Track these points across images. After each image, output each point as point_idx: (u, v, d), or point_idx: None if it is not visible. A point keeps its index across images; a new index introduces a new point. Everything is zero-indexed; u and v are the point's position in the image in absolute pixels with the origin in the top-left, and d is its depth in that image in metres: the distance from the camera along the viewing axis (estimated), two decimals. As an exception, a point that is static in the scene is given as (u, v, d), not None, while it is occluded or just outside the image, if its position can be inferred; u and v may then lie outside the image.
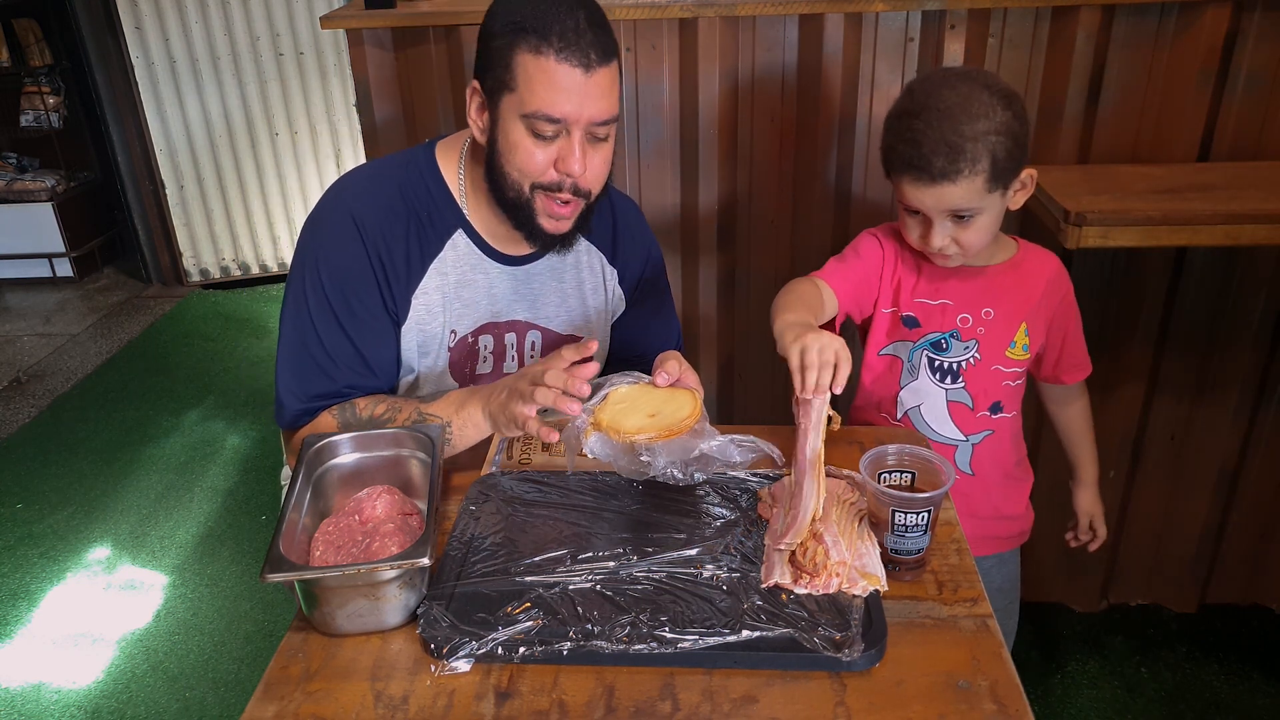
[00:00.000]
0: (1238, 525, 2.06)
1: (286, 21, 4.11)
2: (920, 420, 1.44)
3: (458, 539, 1.09)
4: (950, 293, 1.39)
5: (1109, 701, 1.97)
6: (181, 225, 4.35)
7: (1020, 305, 1.38)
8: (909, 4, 1.63)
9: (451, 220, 1.31)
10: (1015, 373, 1.41)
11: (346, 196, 1.29)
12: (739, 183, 1.83)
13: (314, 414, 1.27)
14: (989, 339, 1.38)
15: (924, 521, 1.01)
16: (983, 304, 1.38)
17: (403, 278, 1.28)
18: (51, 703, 2.13)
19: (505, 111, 1.18)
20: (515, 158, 1.20)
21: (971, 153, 1.21)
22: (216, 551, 2.61)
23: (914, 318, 1.41)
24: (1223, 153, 1.70)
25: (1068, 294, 1.42)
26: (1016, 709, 0.87)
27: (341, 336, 1.26)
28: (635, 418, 1.08)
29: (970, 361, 1.39)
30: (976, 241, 1.29)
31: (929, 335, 1.40)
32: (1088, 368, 1.48)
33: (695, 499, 1.15)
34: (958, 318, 1.38)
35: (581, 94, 1.15)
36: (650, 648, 0.92)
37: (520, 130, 1.18)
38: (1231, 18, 1.60)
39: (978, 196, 1.24)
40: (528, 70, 1.14)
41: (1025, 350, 1.39)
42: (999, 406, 1.42)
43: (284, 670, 0.94)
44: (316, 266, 1.26)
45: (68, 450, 3.13)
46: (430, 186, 1.30)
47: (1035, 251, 1.42)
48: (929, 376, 1.41)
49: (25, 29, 4.39)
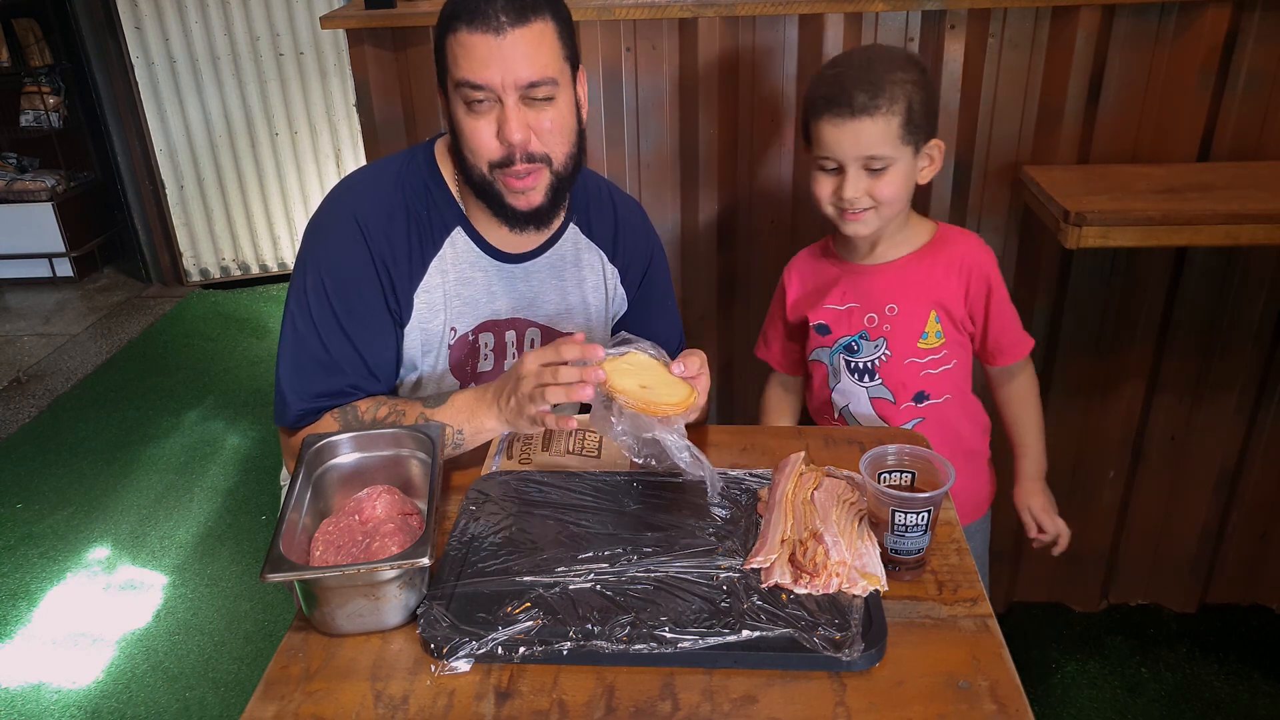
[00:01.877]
0: (1238, 525, 2.06)
1: (286, 21, 4.11)
2: (851, 417, 1.50)
3: (458, 539, 1.09)
4: (855, 295, 1.44)
5: (1109, 701, 1.97)
6: (181, 225, 4.35)
7: (927, 295, 1.41)
8: (909, 4, 1.63)
9: (450, 218, 1.31)
10: (933, 360, 1.44)
11: (349, 198, 1.29)
12: (739, 183, 1.83)
13: (316, 414, 1.28)
14: (896, 334, 1.43)
15: (924, 521, 1.01)
16: (886, 301, 1.42)
17: (405, 276, 1.29)
18: (51, 703, 2.13)
19: (451, 98, 1.22)
20: (464, 138, 1.22)
21: (890, 93, 1.28)
22: (216, 551, 2.61)
23: (825, 325, 1.48)
24: (1223, 153, 1.70)
25: (989, 274, 1.42)
26: (1016, 709, 0.87)
27: (343, 338, 1.26)
28: (630, 380, 1.11)
29: (882, 359, 1.44)
30: (889, 195, 1.33)
31: (840, 339, 1.47)
32: (1020, 350, 1.47)
33: (695, 499, 1.15)
34: (864, 318, 1.44)
35: (499, 58, 1.17)
36: (650, 648, 0.92)
37: (461, 109, 1.21)
38: (1231, 18, 1.60)
39: (892, 142, 1.30)
40: (452, 48, 1.19)
41: (939, 337, 1.42)
42: (923, 395, 1.45)
43: (284, 670, 0.94)
44: (319, 269, 1.26)
45: (68, 450, 3.13)
46: (429, 185, 1.31)
47: (951, 234, 1.45)
48: (849, 377, 1.48)
49: (25, 29, 4.39)
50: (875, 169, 1.32)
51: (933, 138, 1.35)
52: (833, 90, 1.30)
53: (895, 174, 1.32)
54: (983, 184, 1.77)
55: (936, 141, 1.36)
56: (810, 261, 1.53)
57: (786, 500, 1.09)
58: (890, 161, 1.31)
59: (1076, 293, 1.83)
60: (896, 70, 1.30)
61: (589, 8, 1.67)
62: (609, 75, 1.75)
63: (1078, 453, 2.01)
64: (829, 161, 1.34)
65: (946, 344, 1.43)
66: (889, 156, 1.31)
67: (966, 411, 1.51)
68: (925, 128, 1.33)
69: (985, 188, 1.77)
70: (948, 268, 1.42)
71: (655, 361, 1.18)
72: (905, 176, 1.34)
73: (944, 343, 1.43)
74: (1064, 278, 1.83)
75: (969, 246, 1.43)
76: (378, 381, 1.31)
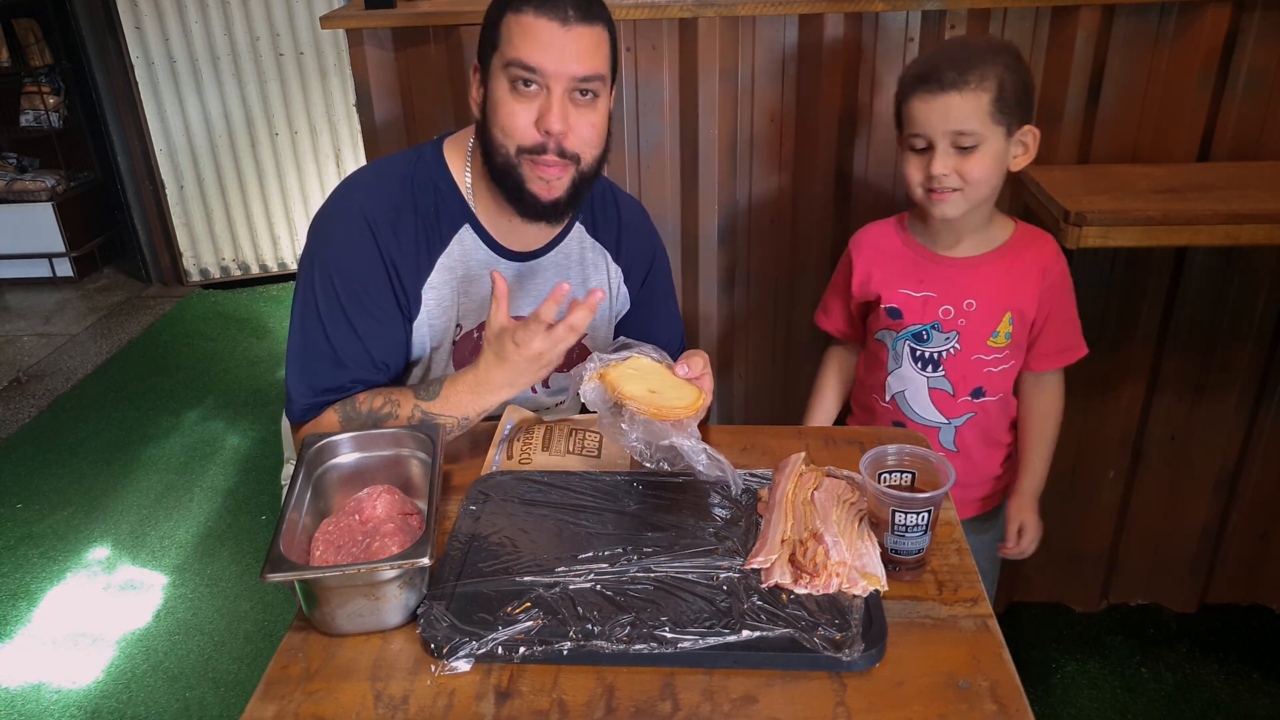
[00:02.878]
0: (1238, 525, 2.06)
1: (286, 21, 4.11)
2: (905, 404, 1.50)
3: (458, 539, 1.09)
4: (934, 285, 1.43)
5: (1109, 701, 1.97)
6: (181, 225, 4.35)
7: (1005, 295, 1.41)
8: (909, 4, 1.63)
9: (459, 215, 1.32)
10: (997, 359, 1.44)
11: (357, 195, 1.30)
12: (739, 183, 1.83)
13: (321, 408, 1.28)
14: (970, 330, 1.42)
15: (924, 521, 1.01)
16: (965, 296, 1.41)
17: (413, 272, 1.29)
18: (51, 703, 2.13)
19: (493, 72, 1.21)
20: (499, 116, 1.21)
21: (981, 70, 1.28)
22: (216, 551, 2.61)
23: (897, 309, 1.45)
24: (1223, 153, 1.70)
25: (1064, 277, 1.43)
26: (1016, 709, 0.87)
27: (350, 334, 1.27)
28: (637, 386, 1.12)
29: (950, 352, 1.44)
30: (978, 175, 1.31)
31: (910, 327, 1.45)
32: (1071, 355, 1.47)
33: (695, 499, 1.15)
34: (940, 310, 1.43)
35: (559, 47, 1.18)
36: (650, 648, 0.92)
37: (503, 86, 1.20)
38: (1231, 18, 1.60)
39: (981, 118, 1.29)
40: (510, 27, 1.19)
41: (1008, 338, 1.43)
42: (981, 391, 1.46)
43: (284, 670, 0.94)
44: (326, 266, 1.26)
45: (68, 450, 3.13)
46: (438, 182, 1.31)
47: (1031, 235, 1.45)
48: (911, 365, 1.47)
49: (25, 29, 4.38)
50: (964, 146, 1.31)
51: (1027, 124, 1.34)
52: (924, 69, 1.32)
53: (984, 154, 1.31)
54: (983, 184, 1.77)
55: (1031, 128, 1.34)
56: (886, 238, 1.49)
57: (786, 500, 1.09)
58: (980, 139, 1.30)
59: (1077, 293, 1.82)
60: (989, 52, 1.30)
61: (589, 8, 1.67)
62: (609, 75, 1.75)
63: (1078, 453, 2.01)
64: (919, 139, 1.34)
65: (1013, 345, 1.44)
66: (978, 133, 1.30)
67: (1008, 407, 1.52)
68: (1019, 111, 1.31)
69: (985, 188, 1.77)
70: (1027, 270, 1.41)
71: (659, 365, 1.18)
72: (995, 158, 1.32)
73: (1010, 343, 1.44)
74: (1064, 278, 1.83)
75: (1049, 250, 1.43)
76: (384, 374, 1.32)
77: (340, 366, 1.27)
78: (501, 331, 1.19)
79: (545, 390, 1.46)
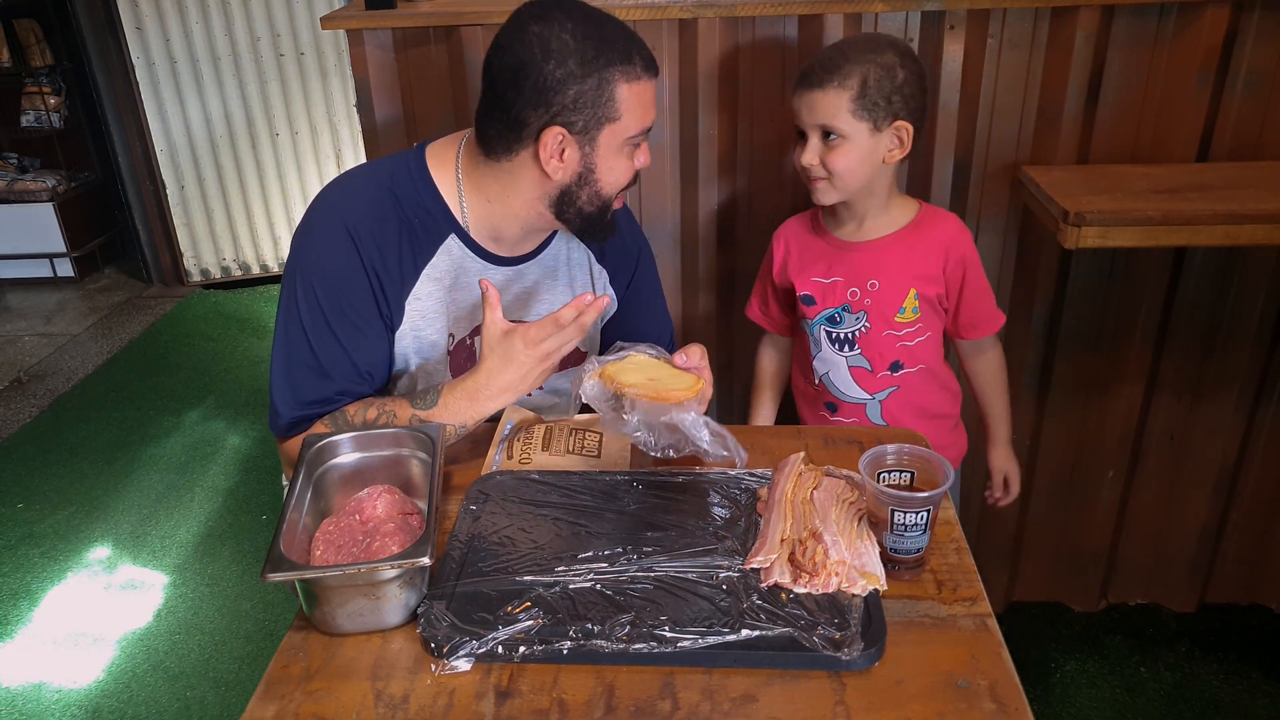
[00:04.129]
0: (1238, 525, 2.06)
1: (287, 21, 4.11)
2: (831, 384, 1.59)
3: (458, 539, 1.09)
4: (839, 269, 1.53)
5: (1109, 701, 1.97)
6: (182, 225, 4.35)
7: (907, 273, 1.50)
8: (909, 4, 1.63)
9: (444, 226, 1.31)
10: (909, 333, 1.52)
11: (338, 204, 1.28)
12: (739, 183, 1.83)
13: (308, 421, 1.28)
14: (876, 308, 1.51)
15: (923, 521, 1.01)
16: (869, 277, 1.50)
17: (396, 282, 1.28)
18: (51, 703, 2.13)
19: (606, 142, 1.23)
20: (617, 179, 1.26)
21: (846, 70, 1.37)
22: (217, 551, 2.61)
23: (810, 296, 1.56)
24: (1222, 153, 1.70)
25: (966, 254, 1.50)
26: (1016, 708, 0.87)
27: (335, 344, 1.26)
28: (637, 376, 1.15)
29: (862, 330, 1.52)
30: (842, 169, 1.41)
31: (824, 311, 1.55)
32: (991, 326, 1.55)
33: (695, 499, 1.15)
34: (847, 292, 1.53)
35: (656, 98, 1.26)
36: (650, 647, 0.92)
37: (620, 153, 1.24)
38: (1231, 18, 1.60)
39: (843, 116, 1.38)
40: (629, 99, 1.21)
41: (915, 312, 1.50)
42: (899, 365, 1.54)
43: (284, 670, 0.95)
44: (308, 276, 1.26)
45: (68, 450, 3.13)
46: (422, 192, 1.30)
47: (932, 216, 1.53)
48: (829, 347, 1.56)
49: (26, 29, 4.39)
50: (830, 138, 1.41)
51: (900, 120, 1.40)
52: (805, 68, 1.44)
53: (849, 148, 1.40)
54: (982, 184, 1.77)
55: (904, 123, 1.40)
56: (799, 231, 1.60)
57: (786, 500, 1.10)
58: (843, 134, 1.40)
59: (1076, 293, 1.83)
60: (864, 51, 1.38)
61: (589, 8, 1.67)
62: (609, 75, 1.75)
63: (1077, 453, 2.01)
64: (798, 129, 1.45)
65: (922, 318, 1.52)
66: (840, 129, 1.39)
67: (937, 378, 1.59)
68: (885, 107, 1.39)
69: (985, 188, 1.77)
70: (928, 248, 1.49)
71: (656, 360, 1.20)
72: (861, 152, 1.41)
73: (919, 317, 1.51)
74: (1063, 278, 1.83)
75: (948, 228, 1.51)
76: (369, 383, 1.31)
77: (325, 377, 1.26)
78: (507, 334, 1.20)
79: (540, 391, 1.46)
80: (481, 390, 1.23)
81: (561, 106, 1.19)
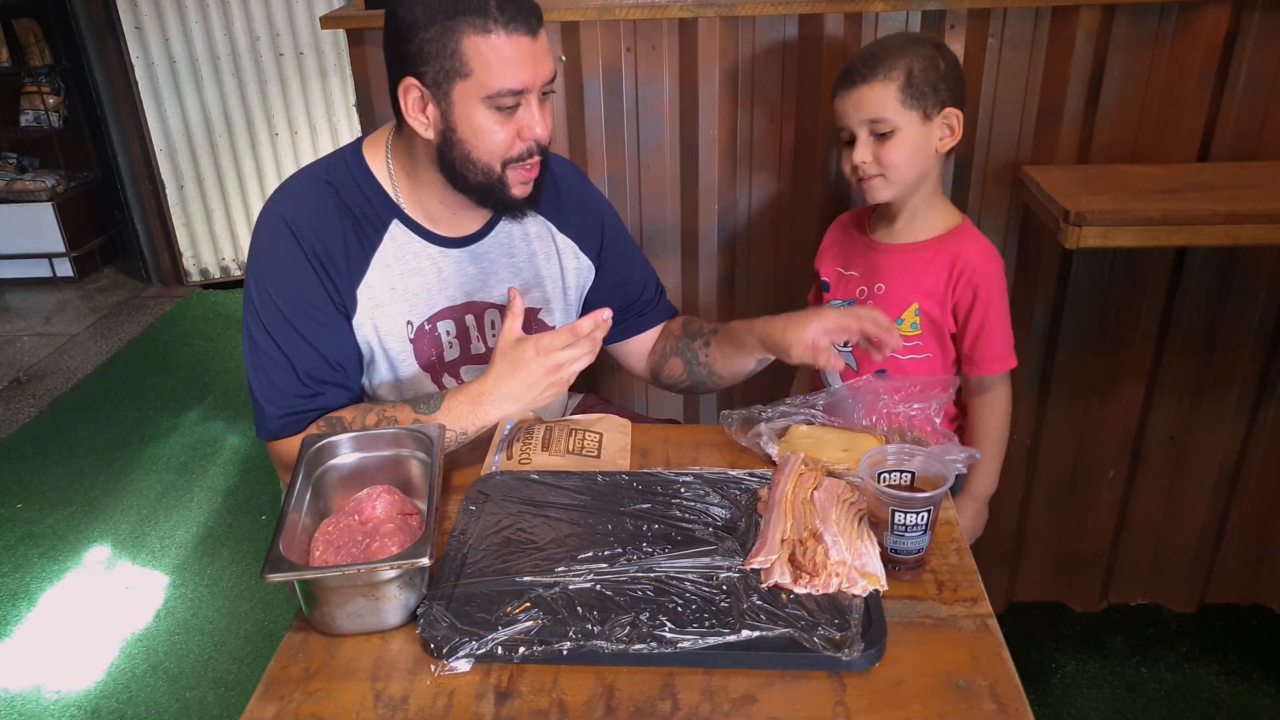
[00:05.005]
0: (1238, 525, 2.06)
1: (286, 21, 4.11)
2: (824, 376, 1.58)
3: (458, 539, 1.09)
4: (858, 265, 1.53)
5: (1109, 701, 1.97)
6: (181, 225, 4.35)
7: (914, 287, 1.47)
8: (909, 4, 1.63)
9: (385, 213, 1.31)
10: (904, 348, 1.48)
11: (276, 205, 1.29)
12: (739, 183, 1.83)
13: (298, 418, 1.28)
14: None
15: (924, 521, 1.01)
16: (877, 279, 1.50)
17: (344, 273, 1.28)
18: (51, 703, 2.13)
19: (461, 99, 1.17)
20: (483, 142, 1.20)
21: (889, 62, 1.37)
22: (216, 551, 2.61)
23: (827, 283, 1.58)
24: (1223, 153, 1.70)
25: (981, 283, 1.45)
26: (1016, 709, 0.87)
27: (300, 341, 1.27)
28: (832, 451, 1.20)
29: None
30: (897, 161, 1.39)
31: (833, 301, 1.56)
32: (994, 367, 1.50)
33: (695, 499, 1.15)
34: (857, 289, 1.52)
35: (534, 59, 1.17)
36: (650, 648, 0.92)
37: (483, 113, 1.18)
38: (1231, 18, 1.60)
39: (892, 106, 1.37)
40: (480, 52, 1.14)
41: (915, 328, 1.48)
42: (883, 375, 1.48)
43: (284, 670, 0.94)
44: (260, 278, 1.26)
45: (68, 450, 3.13)
46: (360, 182, 1.30)
47: (964, 235, 1.48)
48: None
49: (25, 29, 4.39)
50: (881, 134, 1.39)
51: (949, 107, 1.39)
52: (843, 68, 1.43)
53: (901, 139, 1.39)
54: (982, 184, 1.77)
55: (953, 110, 1.39)
56: (846, 223, 1.61)
57: (786, 500, 1.09)
58: (893, 126, 1.38)
59: (1076, 293, 1.83)
60: (902, 45, 1.39)
61: (589, 8, 1.67)
62: (609, 75, 1.75)
63: (1078, 453, 2.01)
64: (844, 132, 1.43)
65: (922, 337, 1.49)
66: (890, 120, 1.38)
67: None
68: (933, 96, 1.37)
69: (985, 187, 1.77)
70: (941, 266, 1.46)
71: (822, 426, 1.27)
72: (914, 143, 1.39)
73: (918, 334, 1.49)
74: (1064, 278, 1.83)
75: (972, 251, 1.46)
76: (344, 374, 1.31)
77: (296, 374, 1.27)
78: (519, 341, 1.20)
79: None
80: (486, 395, 1.22)
81: (410, 56, 1.16)
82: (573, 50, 1.73)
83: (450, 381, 1.40)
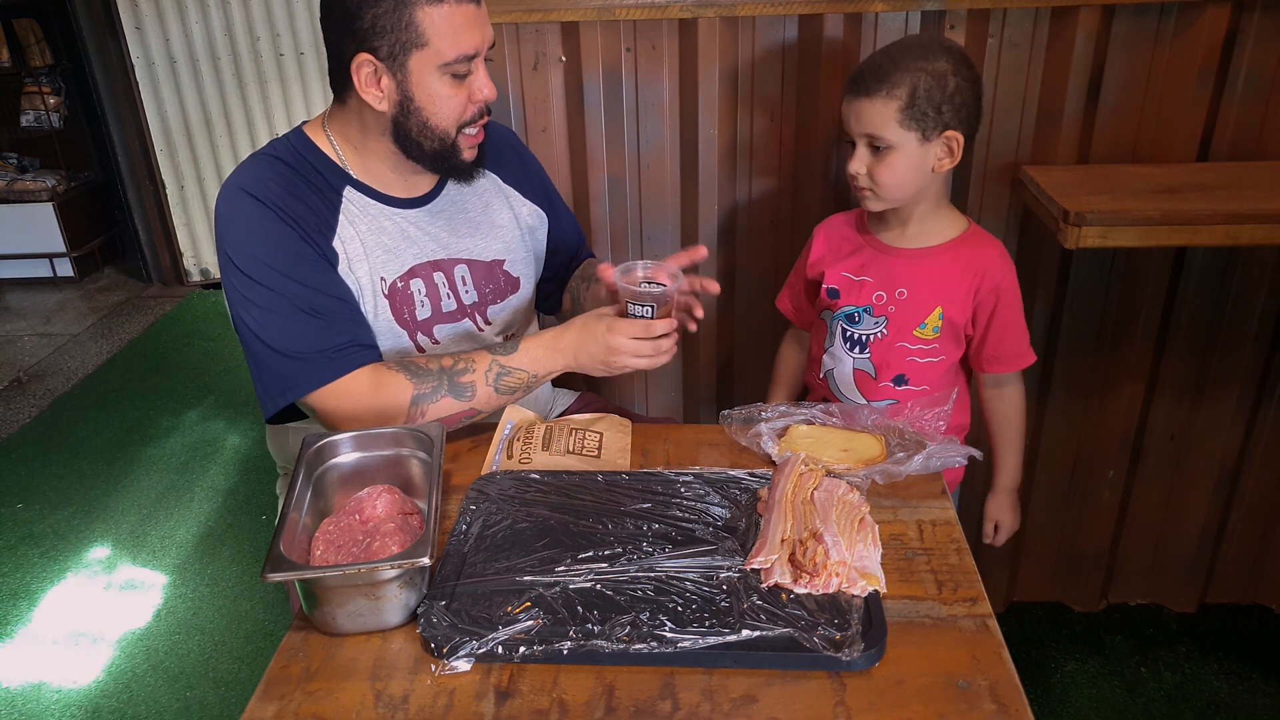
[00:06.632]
0: (1238, 525, 2.06)
1: (286, 21, 4.11)
2: (833, 382, 1.57)
3: (458, 539, 1.09)
4: (872, 270, 1.50)
5: (1109, 701, 1.97)
6: (182, 225, 4.35)
7: (937, 290, 1.46)
8: (909, 4, 1.63)
9: (337, 180, 1.33)
10: (923, 349, 1.48)
11: (233, 183, 1.29)
12: (739, 183, 1.83)
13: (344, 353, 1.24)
14: (898, 317, 1.48)
15: (649, 314, 1.19)
16: (899, 284, 1.47)
17: (315, 226, 1.29)
18: (51, 702, 2.13)
19: (418, 69, 1.21)
20: (441, 109, 1.24)
21: (895, 78, 1.33)
22: (217, 551, 2.61)
23: (836, 289, 1.54)
24: (1222, 153, 1.70)
25: (1001, 284, 1.45)
26: (1016, 709, 0.87)
27: (300, 287, 1.25)
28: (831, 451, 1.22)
29: (878, 335, 1.50)
30: (888, 180, 1.38)
31: (845, 307, 1.52)
32: (1016, 363, 1.51)
33: (695, 499, 1.15)
34: (874, 295, 1.50)
35: (480, 23, 1.22)
36: (650, 647, 0.92)
37: (440, 81, 1.22)
38: (1231, 18, 1.60)
39: (891, 125, 1.35)
40: (435, 22, 1.19)
41: (936, 332, 1.47)
42: (904, 379, 1.50)
43: (284, 670, 0.94)
44: (241, 251, 1.25)
45: (68, 450, 3.13)
46: (304, 152, 1.33)
47: (977, 238, 1.48)
48: (841, 344, 1.54)
49: (25, 29, 4.39)
50: (878, 148, 1.38)
51: (951, 130, 1.36)
52: (854, 73, 1.40)
53: (896, 158, 1.37)
54: (982, 184, 1.77)
55: (954, 133, 1.36)
56: (840, 225, 1.58)
57: (786, 500, 1.10)
58: (889, 144, 1.36)
59: (1076, 293, 1.83)
60: (915, 58, 1.34)
61: (589, 8, 1.67)
62: (609, 75, 1.75)
63: (1078, 453, 2.01)
64: (848, 137, 1.42)
65: (940, 340, 1.48)
66: (886, 139, 1.36)
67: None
68: (934, 116, 1.34)
69: (985, 187, 1.77)
70: (964, 270, 1.45)
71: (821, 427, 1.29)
72: (908, 162, 1.37)
73: (937, 338, 1.48)
74: (1064, 278, 1.83)
75: (990, 254, 1.46)
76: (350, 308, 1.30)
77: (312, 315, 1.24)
78: (604, 313, 1.25)
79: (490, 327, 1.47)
80: (558, 341, 1.27)
81: (363, 32, 1.20)
82: (573, 50, 1.73)
83: (424, 339, 1.40)
